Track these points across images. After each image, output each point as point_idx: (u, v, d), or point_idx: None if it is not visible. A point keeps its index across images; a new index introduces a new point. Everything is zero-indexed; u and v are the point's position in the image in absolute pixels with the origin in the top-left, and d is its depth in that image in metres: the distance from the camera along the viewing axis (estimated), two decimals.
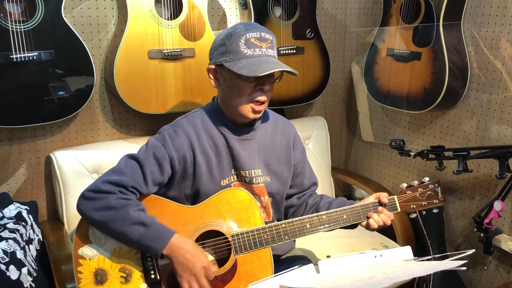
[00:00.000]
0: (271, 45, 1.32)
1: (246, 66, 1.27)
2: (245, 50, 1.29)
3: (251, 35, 1.29)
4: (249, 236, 1.30)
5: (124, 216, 1.22)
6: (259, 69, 1.25)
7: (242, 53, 1.29)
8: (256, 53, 1.29)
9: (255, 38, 1.29)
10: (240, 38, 1.29)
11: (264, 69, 1.25)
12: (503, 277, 1.93)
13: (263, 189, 1.44)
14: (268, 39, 1.32)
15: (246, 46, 1.29)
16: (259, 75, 1.24)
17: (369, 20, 2.42)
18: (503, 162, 1.61)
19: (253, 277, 1.29)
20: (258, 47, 1.29)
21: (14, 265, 1.43)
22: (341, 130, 2.65)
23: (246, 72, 1.25)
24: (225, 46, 1.30)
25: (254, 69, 1.25)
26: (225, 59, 1.31)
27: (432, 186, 1.46)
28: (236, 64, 1.28)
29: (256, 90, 1.32)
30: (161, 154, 1.33)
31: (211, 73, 1.38)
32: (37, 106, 1.65)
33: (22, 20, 1.57)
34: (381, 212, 1.39)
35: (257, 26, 1.32)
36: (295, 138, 1.54)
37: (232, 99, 1.34)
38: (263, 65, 1.26)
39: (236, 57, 1.29)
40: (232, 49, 1.29)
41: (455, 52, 1.88)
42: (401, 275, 1.09)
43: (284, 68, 1.28)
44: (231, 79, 1.32)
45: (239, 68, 1.27)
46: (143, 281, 1.25)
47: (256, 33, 1.30)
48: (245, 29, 1.30)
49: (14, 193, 1.83)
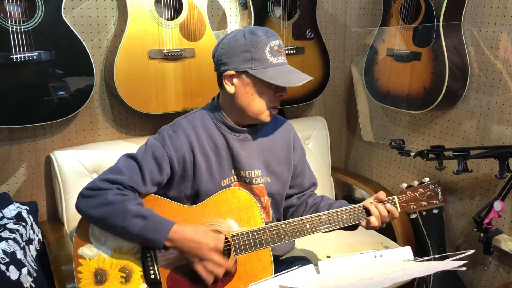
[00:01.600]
0: (284, 52, 1.36)
1: (277, 75, 1.30)
2: (271, 58, 1.31)
3: (273, 43, 1.32)
4: (249, 236, 1.30)
5: (123, 210, 1.22)
6: (293, 79, 1.30)
7: (269, 62, 1.31)
8: (279, 62, 1.32)
9: (277, 46, 1.33)
10: (265, 46, 1.30)
11: (297, 79, 1.30)
12: (503, 277, 1.93)
13: (263, 190, 1.44)
14: (283, 46, 1.35)
15: (271, 54, 1.31)
16: (295, 85, 1.29)
17: (369, 20, 2.42)
18: (503, 162, 1.61)
19: (253, 277, 1.29)
20: (279, 55, 1.33)
21: (14, 265, 1.43)
22: (341, 130, 2.65)
23: (281, 83, 1.29)
24: (250, 53, 1.30)
25: (288, 79, 1.30)
26: (250, 67, 1.31)
27: (432, 186, 1.45)
28: (264, 73, 1.30)
29: (276, 97, 1.35)
30: (160, 154, 1.33)
31: (227, 78, 1.35)
32: (37, 106, 1.65)
33: (22, 20, 1.57)
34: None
35: (274, 33, 1.35)
36: (295, 139, 1.54)
37: (250, 104, 1.35)
38: (294, 75, 1.31)
39: (262, 65, 1.30)
40: (258, 56, 1.30)
41: (455, 52, 1.88)
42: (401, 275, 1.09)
43: (308, 79, 1.32)
44: (253, 86, 1.33)
45: (270, 77, 1.29)
46: (143, 281, 1.25)
47: (276, 41, 1.33)
48: (267, 36, 1.31)
49: (14, 193, 1.83)
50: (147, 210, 1.26)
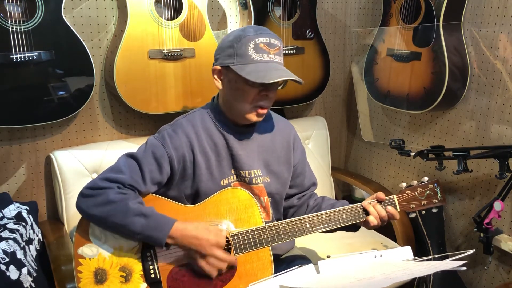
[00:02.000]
0: (279, 51, 1.32)
1: (254, 71, 1.26)
2: (254, 55, 1.28)
3: (261, 40, 1.28)
4: (249, 236, 1.30)
5: (124, 208, 1.22)
6: (268, 76, 1.25)
7: (250, 58, 1.28)
8: (264, 59, 1.28)
9: (264, 43, 1.29)
10: (250, 42, 1.28)
11: (273, 76, 1.25)
12: (503, 277, 1.93)
13: (262, 189, 1.44)
14: (277, 45, 1.31)
15: (254, 50, 1.28)
16: (267, 82, 1.24)
17: (369, 20, 2.42)
18: (503, 162, 1.61)
19: (253, 277, 1.29)
20: (267, 52, 1.29)
21: (14, 265, 1.43)
22: (341, 130, 2.65)
23: (254, 78, 1.25)
24: (233, 49, 1.30)
25: (263, 76, 1.25)
26: (232, 62, 1.30)
27: (432, 185, 1.45)
28: (243, 69, 1.27)
29: (260, 96, 1.31)
30: (160, 153, 1.33)
31: (216, 73, 1.37)
32: (37, 106, 1.65)
33: (22, 20, 1.58)
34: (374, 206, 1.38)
35: (267, 32, 1.31)
36: (295, 139, 1.54)
37: (235, 101, 1.34)
38: (271, 72, 1.26)
39: (244, 60, 1.28)
40: (241, 52, 1.28)
41: (455, 52, 1.88)
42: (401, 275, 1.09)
43: (292, 77, 1.28)
44: (235, 82, 1.31)
45: (247, 73, 1.26)
46: (143, 281, 1.25)
47: (266, 39, 1.29)
48: (255, 33, 1.29)
49: (14, 193, 1.83)
50: (148, 208, 1.26)
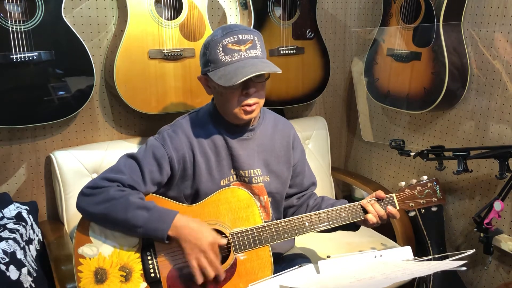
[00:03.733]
0: (252, 44, 1.29)
1: (224, 74, 1.25)
2: (223, 57, 1.27)
3: (227, 40, 1.27)
4: (249, 235, 1.30)
5: (126, 203, 1.23)
6: (234, 77, 1.23)
7: (221, 61, 1.27)
8: (234, 59, 1.27)
9: (232, 42, 1.27)
10: (217, 46, 1.27)
11: (239, 76, 1.23)
12: (503, 277, 1.93)
13: (262, 189, 1.44)
14: (248, 39, 1.28)
15: (223, 53, 1.27)
16: (234, 84, 1.23)
17: (369, 20, 2.42)
18: (503, 162, 1.61)
19: (252, 276, 1.29)
20: (236, 51, 1.27)
21: (14, 265, 1.43)
22: (341, 130, 2.65)
23: (223, 82, 1.24)
24: (206, 56, 1.30)
25: (230, 78, 1.24)
26: (208, 69, 1.31)
27: (431, 184, 1.46)
28: (216, 74, 1.28)
29: (243, 95, 1.30)
30: (160, 154, 1.33)
31: (202, 81, 1.38)
32: (37, 106, 1.65)
33: (22, 20, 1.58)
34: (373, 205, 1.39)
35: (235, 29, 1.28)
36: (294, 138, 1.54)
37: (223, 105, 1.35)
38: (238, 72, 1.24)
39: (216, 65, 1.28)
40: (211, 58, 1.29)
41: (455, 53, 1.88)
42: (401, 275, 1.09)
43: (259, 71, 1.24)
44: (217, 87, 1.31)
45: (218, 77, 1.26)
46: (143, 280, 1.25)
47: (233, 37, 1.27)
48: (222, 34, 1.27)
49: (14, 193, 1.83)
50: (149, 202, 1.27)
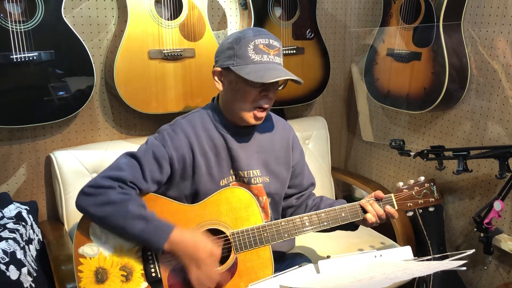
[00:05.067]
0: (278, 52, 1.33)
1: (254, 71, 1.27)
2: (253, 55, 1.29)
3: (260, 41, 1.30)
4: (249, 234, 1.30)
5: (125, 210, 1.22)
6: (267, 75, 1.26)
7: (250, 59, 1.29)
8: (263, 60, 1.30)
9: (264, 44, 1.30)
10: (249, 43, 1.29)
11: (272, 76, 1.26)
12: (503, 277, 1.93)
13: (261, 190, 1.44)
14: (276, 46, 1.32)
15: (254, 51, 1.29)
16: (266, 81, 1.25)
17: (369, 20, 2.42)
18: (503, 162, 1.61)
19: (253, 275, 1.29)
20: (266, 53, 1.30)
21: (14, 265, 1.43)
22: (341, 130, 2.65)
23: (254, 78, 1.26)
24: (233, 50, 1.31)
25: (262, 75, 1.26)
26: (232, 63, 1.31)
27: (428, 185, 1.49)
28: (243, 69, 1.29)
29: (261, 97, 1.32)
30: (160, 153, 1.33)
31: (216, 75, 1.38)
32: (37, 106, 1.65)
33: (22, 20, 1.58)
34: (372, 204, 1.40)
35: (266, 33, 1.33)
36: (294, 139, 1.54)
37: (235, 103, 1.35)
38: (270, 72, 1.27)
39: (243, 61, 1.29)
40: (240, 53, 1.30)
41: (455, 53, 1.88)
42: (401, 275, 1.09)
43: (291, 76, 1.29)
44: (236, 83, 1.32)
45: (246, 73, 1.27)
46: (144, 280, 1.25)
47: (265, 40, 1.30)
48: (254, 34, 1.30)
49: (14, 193, 1.83)
50: (149, 212, 1.26)
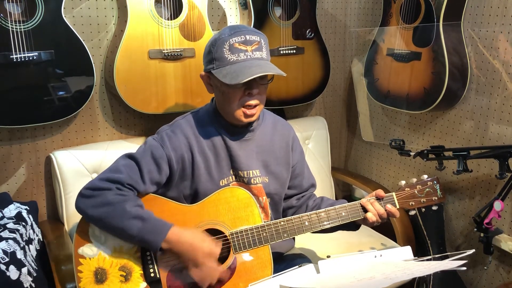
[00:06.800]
0: (259, 46, 1.30)
1: (230, 73, 1.26)
2: (229, 56, 1.28)
3: (235, 39, 1.28)
4: (248, 234, 1.30)
5: (122, 211, 1.22)
6: (241, 75, 1.24)
7: (227, 60, 1.28)
8: (240, 58, 1.28)
9: (239, 42, 1.28)
10: (224, 44, 1.28)
11: (247, 74, 1.24)
12: (503, 277, 1.93)
13: (261, 190, 1.44)
14: (254, 41, 1.30)
15: (230, 51, 1.28)
16: (241, 82, 1.23)
17: (369, 20, 2.42)
18: (503, 162, 1.61)
19: (252, 275, 1.29)
20: (243, 51, 1.28)
21: (14, 265, 1.43)
22: (341, 130, 2.65)
23: (229, 80, 1.25)
24: (211, 53, 1.31)
25: (236, 76, 1.24)
26: (212, 67, 1.31)
27: (431, 183, 1.46)
28: (221, 72, 1.28)
29: (246, 95, 1.31)
30: (159, 154, 1.33)
31: (205, 80, 1.39)
32: (37, 106, 1.65)
33: (22, 20, 1.58)
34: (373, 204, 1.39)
35: (242, 29, 1.30)
36: (293, 139, 1.54)
37: (225, 104, 1.35)
38: (245, 71, 1.25)
39: (221, 64, 1.29)
40: (217, 56, 1.29)
41: (455, 52, 1.88)
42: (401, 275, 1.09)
43: (266, 72, 1.26)
44: (220, 86, 1.32)
45: (223, 75, 1.27)
46: (143, 280, 1.25)
47: (240, 37, 1.28)
48: (229, 33, 1.28)
49: (14, 193, 1.83)
50: (146, 212, 1.26)
